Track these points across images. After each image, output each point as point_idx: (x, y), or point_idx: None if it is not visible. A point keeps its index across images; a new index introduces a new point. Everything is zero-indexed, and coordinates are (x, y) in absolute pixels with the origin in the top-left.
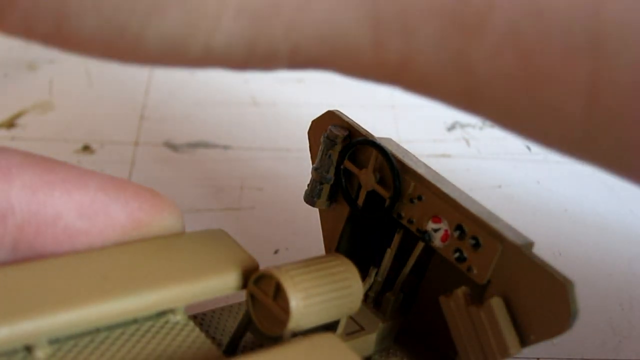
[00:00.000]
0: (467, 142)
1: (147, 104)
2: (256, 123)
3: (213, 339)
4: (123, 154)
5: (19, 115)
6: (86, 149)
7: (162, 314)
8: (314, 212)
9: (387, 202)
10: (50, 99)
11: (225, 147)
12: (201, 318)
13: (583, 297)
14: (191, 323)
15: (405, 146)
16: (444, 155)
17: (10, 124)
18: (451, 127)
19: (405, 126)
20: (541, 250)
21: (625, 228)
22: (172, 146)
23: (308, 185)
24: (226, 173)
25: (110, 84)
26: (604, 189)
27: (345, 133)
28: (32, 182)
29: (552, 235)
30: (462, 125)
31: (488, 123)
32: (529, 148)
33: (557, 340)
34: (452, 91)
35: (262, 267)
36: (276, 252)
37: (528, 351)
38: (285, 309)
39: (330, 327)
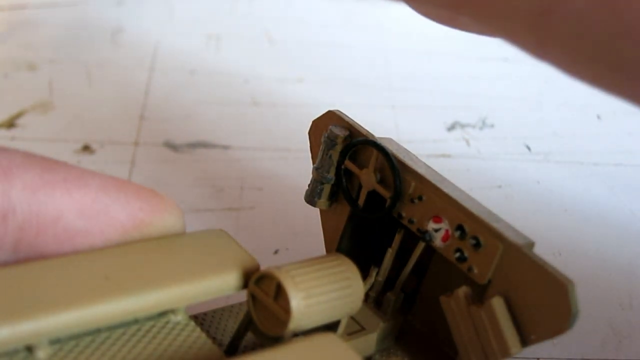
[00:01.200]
0: (467, 142)
1: (147, 104)
2: (256, 123)
3: (214, 339)
4: (123, 154)
5: (19, 115)
6: (86, 149)
7: (163, 314)
8: (314, 212)
9: (388, 202)
10: (50, 99)
11: (225, 147)
12: (202, 318)
13: (583, 297)
14: (192, 323)
15: (405, 146)
16: (444, 155)
17: (10, 124)
18: (451, 127)
19: (405, 126)
20: (541, 250)
21: (625, 228)
22: (172, 146)
23: (309, 185)
24: (226, 173)
25: (110, 84)
26: (604, 189)
27: (346, 133)
28: (33, 182)
29: (552, 235)
30: (462, 125)
31: (488, 122)
32: (528, 148)
33: (557, 340)
34: (521, 15)
35: (262, 267)
36: (276, 252)
37: (528, 351)
38: (286, 309)
39: (331, 327)
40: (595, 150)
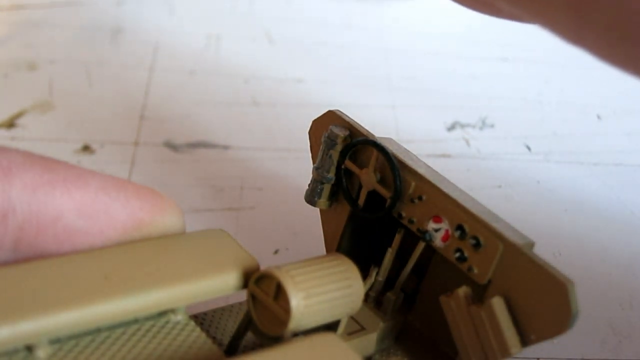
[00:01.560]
0: (467, 142)
1: (147, 104)
2: (256, 123)
3: (214, 338)
4: (123, 154)
5: (19, 115)
6: (86, 149)
7: (163, 313)
8: (314, 212)
9: (388, 202)
10: (50, 99)
11: (225, 147)
12: (202, 318)
13: (583, 297)
14: (192, 323)
15: (405, 146)
16: (444, 155)
17: (10, 124)
18: (451, 127)
19: (405, 126)
20: (541, 250)
21: (625, 228)
22: (172, 146)
23: (309, 185)
24: (226, 173)
25: (110, 84)
26: (604, 189)
27: (346, 133)
28: (33, 182)
29: (552, 235)
30: (462, 125)
31: (488, 122)
32: (528, 148)
33: (557, 340)
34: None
35: (262, 267)
36: (276, 252)
37: (528, 351)
38: (286, 309)
39: (331, 326)
40: (595, 150)
